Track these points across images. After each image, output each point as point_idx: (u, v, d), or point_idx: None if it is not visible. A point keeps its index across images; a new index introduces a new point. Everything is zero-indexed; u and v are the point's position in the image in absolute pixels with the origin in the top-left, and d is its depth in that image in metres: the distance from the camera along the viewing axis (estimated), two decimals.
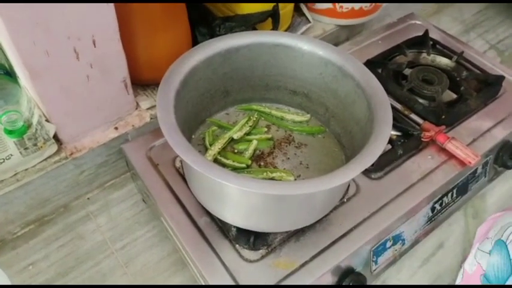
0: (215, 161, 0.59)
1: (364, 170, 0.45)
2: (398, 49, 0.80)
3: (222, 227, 0.56)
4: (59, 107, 0.60)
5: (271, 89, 0.65)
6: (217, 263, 0.53)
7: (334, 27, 0.92)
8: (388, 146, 0.63)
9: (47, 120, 0.61)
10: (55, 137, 0.62)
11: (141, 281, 0.62)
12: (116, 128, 0.68)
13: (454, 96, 0.73)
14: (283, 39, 0.60)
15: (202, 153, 0.59)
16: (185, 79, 0.53)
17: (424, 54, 0.80)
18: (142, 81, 0.72)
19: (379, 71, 0.75)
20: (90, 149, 0.65)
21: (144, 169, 0.62)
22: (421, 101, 0.70)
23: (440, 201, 0.64)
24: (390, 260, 0.62)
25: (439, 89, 0.71)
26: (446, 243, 0.68)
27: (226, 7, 0.78)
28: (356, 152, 0.49)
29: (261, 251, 0.54)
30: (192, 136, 0.62)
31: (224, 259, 0.53)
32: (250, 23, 0.75)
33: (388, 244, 0.60)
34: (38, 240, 0.66)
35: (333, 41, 0.92)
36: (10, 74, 0.63)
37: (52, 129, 0.61)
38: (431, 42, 0.82)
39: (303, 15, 0.91)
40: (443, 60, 0.79)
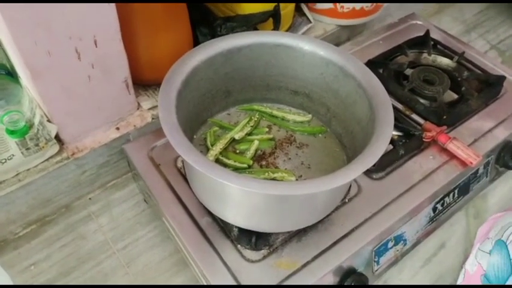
0: (217, 161, 0.59)
1: (365, 170, 0.45)
2: (400, 49, 0.80)
3: (223, 227, 0.56)
4: (60, 107, 0.60)
5: (273, 89, 0.65)
6: (219, 263, 0.53)
7: (335, 27, 0.92)
8: (390, 146, 0.63)
9: (49, 121, 0.61)
10: (57, 137, 0.62)
11: (142, 281, 0.62)
12: (118, 128, 0.68)
13: (455, 96, 0.73)
14: (285, 39, 0.60)
15: (204, 154, 0.59)
16: (187, 79, 0.53)
17: (425, 55, 0.80)
18: (144, 82, 0.72)
19: (380, 71, 0.75)
20: (92, 149, 0.65)
21: (146, 169, 0.62)
22: (422, 101, 0.70)
23: (442, 202, 0.64)
24: (392, 260, 0.62)
25: (440, 89, 0.71)
26: (448, 243, 0.68)
27: (227, 7, 0.78)
28: (357, 152, 0.49)
29: (262, 251, 0.54)
30: (194, 136, 0.62)
31: (226, 259, 0.53)
32: (251, 23, 0.75)
33: (390, 244, 0.60)
34: (39, 240, 0.66)
35: (334, 41, 0.92)
36: (11, 74, 0.63)
37: (54, 130, 0.61)
38: (432, 42, 0.82)
39: (304, 15, 0.91)
40: (444, 61, 0.79)
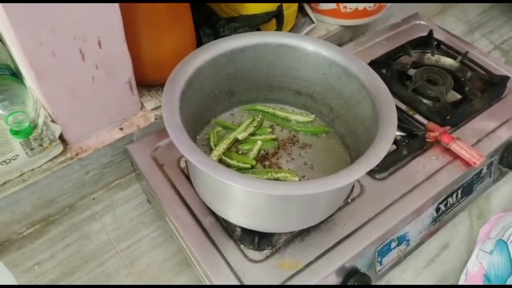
0: (220, 161, 0.59)
1: (368, 170, 0.45)
2: (403, 49, 0.80)
3: (226, 227, 0.56)
4: (64, 107, 0.61)
5: (276, 89, 0.65)
6: (222, 263, 0.53)
7: (338, 27, 0.92)
8: (393, 146, 0.63)
9: (53, 121, 0.62)
10: (61, 137, 0.63)
11: (145, 280, 0.62)
12: (121, 128, 0.68)
13: (459, 96, 0.73)
14: (288, 39, 0.60)
15: (207, 154, 0.59)
16: (190, 80, 0.54)
17: (428, 55, 0.80)
18: (147, 82, 0.72)
19: (384, 71, 0.75)
20: (96, 150, 0.66)
21: (149, 169, 0.62)
22: (425, 101, 0.70)
23: (445, 202, 0.64)
24: (395, 260, 0.62)
25: (443, 89, 0.71)
26: (451, 243, 0.68)
27: (231, 8, 0.78)
28: (361, 152, 0.49)
29: (265, 251, 0.54)
30: (197, 137, 0.62)
31: (229, 259, 0.53)
32: (254, 23, 0.75)
33: (393, 245, 0.59)
34: (43, 240, 0.66)
35: (336, 42, 0.92)
36: (16, 74, 0.63)
37: (58, 130, 0.61)
38: (436, 42, 0.81)
39: (307, 15, 0.91)
40: (448, 61, 0.78)
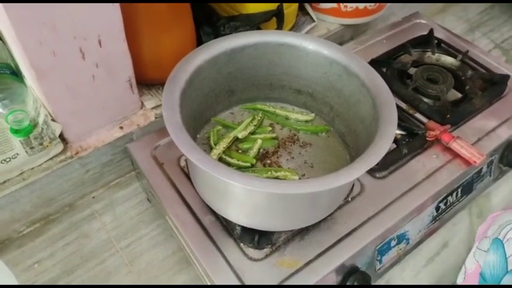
0: (220, 160, 0.59)
1: (368, 169, 0.45)
2: (403, 48, 0.80)
3: (226, 225, 0.56)
4: (64, 106, 0.61)
5: (276, 88, 0.65)
6: (222, 261, 0.53)
7: (338, 26, 0.92)
8: (393, 145, 0.63)
9: (53, 120, 0.62)
10: (61, 136, 0.63)
11: (145, 279, 0.62)
12: (121, 127, 0.68)
13: (459, 95, 0.73)
14: (288, 38, 0.60)
15: (207, 153, 0.59)
16: (190, 78, 0.54)
17: (428, 53, 0.80)
18: (147, 81, 0.72)
19: (384, 70, 0.75)
20: (96, 148, 0.66)
21: (149, 168, 0.62)
22: (425, 100, 0.70)
23: (445, 201, 0.64)
24: (395, 259, 0.62)
25: (444, 88, 0.71)
26: (451, 242, 0.68)
27: (231, 7, 0.78)
28: (361, 151, 0.49)
29: (265, 249, 0.54)
30: (197, 135, 0.62)
31: (229, 258, 0.53)
32: (254, 22, 0.75)
33: (393, 243, 0.60)
34: (43, 238, 0.66)
35: (337, 41, 0.92)
36: (16, 73, 0.63)
37: (58, 129, 0.61)
38: (436, 41, 0.81)
39: (307, 14, 0.90)
40: (448, 59, 0.78)
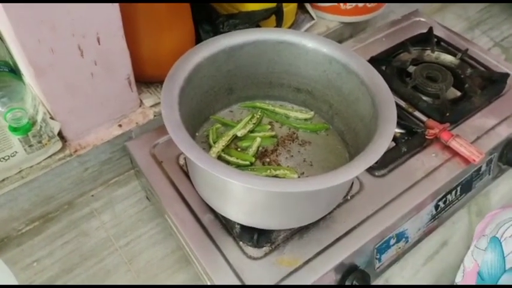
0: (219, 158, 0.59)
1: (368, 167, 0.45)
2: (403, 46, 0.80)
3: (225, 224, 0.56)
4: (63, 104, 0.60)
5: (275, 86, 0.65)
6: (221, 260, 0.53)
7: (338, 24, 0.92)
8: (392, 143, 0.63)
9: (52, 118, 0.61)
10: (59, 134, 0.62)
11: (144, 277, 0.62)
12: (120, 125, 0.68)
13: (459, 93, 0.73)
14: (287, 36, 0.60)
15: (206, 151, 0.59)
16: (189, 76, 0.53)
17: (428, 52, 0.79)
18: (146, 79, 0.72)
19: (383, 68, 0.75)
20: (94, 146, 0.66)
21: (148, 166, 0.62)
22: (425, 98, 0.70)
23: (444, 199, 0.64)
24: (394, 257, 0.62)
25: (443, 86, 0.71)
26: (450, 241, 0.68)
27: (230, 4, 0.78)
28: (360, 149, 0.49)
29: (264, 248, 0.54)
30: (196, 134, 0.62)
31: (228, 256, 0.53)
32: (253, 20, 0.75)
33: (392, 242, 0.60)
34: (42, 237, 0.66)
35: (336, 38, 0.92)
36: (15, 71, 0.63)
37: (56, 127, 0.61)
38: (436, 39, 0.81)
39: (307, 12, 0.90)
40: (448, 58, 0.78)
